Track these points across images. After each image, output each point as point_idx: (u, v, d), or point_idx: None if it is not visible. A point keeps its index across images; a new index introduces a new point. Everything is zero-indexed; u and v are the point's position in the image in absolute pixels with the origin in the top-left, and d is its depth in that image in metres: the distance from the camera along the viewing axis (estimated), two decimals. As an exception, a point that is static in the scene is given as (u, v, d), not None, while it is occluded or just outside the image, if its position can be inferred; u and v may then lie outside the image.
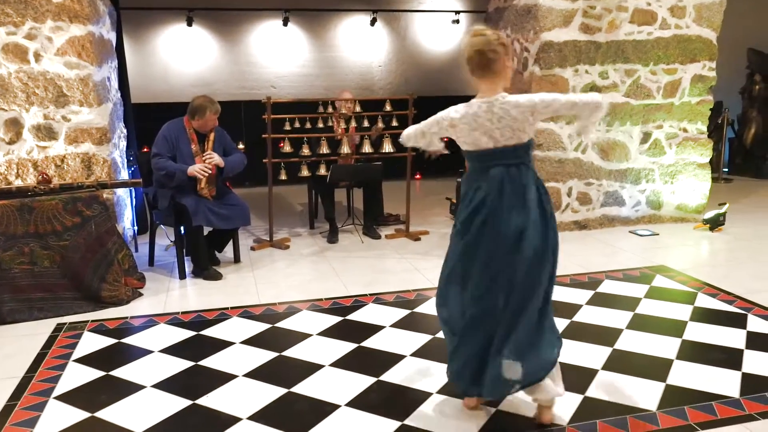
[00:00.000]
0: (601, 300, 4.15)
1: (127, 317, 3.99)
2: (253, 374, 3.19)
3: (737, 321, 3.78)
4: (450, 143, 2.79)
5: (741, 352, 3.37)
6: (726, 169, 8.77)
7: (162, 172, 4.59)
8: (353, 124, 5.69)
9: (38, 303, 4.02)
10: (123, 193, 5.26)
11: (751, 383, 3.03)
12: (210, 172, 4.61)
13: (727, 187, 7.96)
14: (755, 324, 3.73)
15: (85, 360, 3.39)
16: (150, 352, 3.48)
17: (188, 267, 4.78)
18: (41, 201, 4.04)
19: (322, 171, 5.40)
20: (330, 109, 5.54)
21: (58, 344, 3.59)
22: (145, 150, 5.89)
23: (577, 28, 5.58)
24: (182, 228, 4.70)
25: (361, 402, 2.91)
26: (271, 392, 3.01)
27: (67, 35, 4.60)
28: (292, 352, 3.44)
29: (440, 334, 3.63)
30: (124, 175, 5.33)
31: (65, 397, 2.99)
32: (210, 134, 4.76)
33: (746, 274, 4.64)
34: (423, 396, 2.96)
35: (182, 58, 8.29)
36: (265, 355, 3.41)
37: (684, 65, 5.90)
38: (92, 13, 4.67)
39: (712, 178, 6.28)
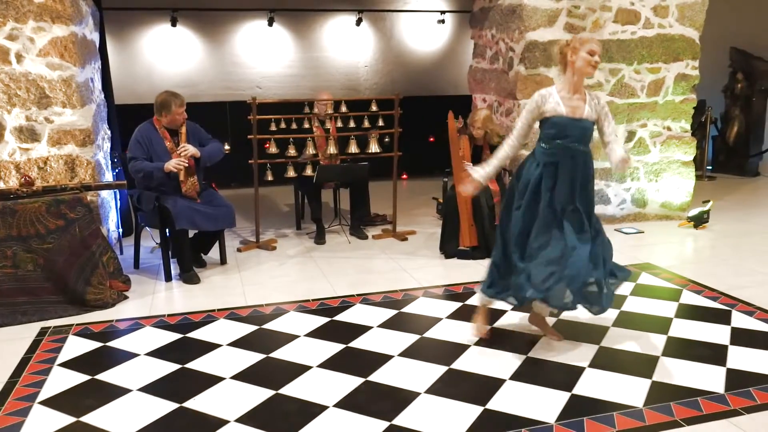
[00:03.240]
0: (587, 298, 4.16)
1: (112, 320, 3.96)
2: (241, 376, 3.18)
3: (722, 317, 3.82)
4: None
5: (725, 348, 3.41)
6: (710, 167, 8.85)
7: (140, 174, 4.55)
8: (329, 126, 5.66)
9: (22, 307, 3.98)
10: (107, 195, 5.22)
11: (736, 379, 3.06)
12: (186, 164, 4.58)
13: (711, 185, 8.04)
14: (739, 320, 3.77)
15: (70, 364, 3.35)
16: (136, 355, 3.45)
17: (174, 269, 4.75)
18: (24, 203, 3.99)
19: (309, 172, 5.38)
20: (316, 110, 5.53)
21: (42, 348, 3.56)
22: (130, 151, 5.83)
23: (561, 27, 5.61)
24: (167, 230, 4.67)
25: (349, 403, 2.90)
26: (259, 394, 3.00)
27: (50, 36, 4.56)
28: (280, 354, 3.43)
29: (427, 334, 3.64)
30: (109, 176, 5.29)
31: (50, 402, 2.96)
32: (182, 129, 4.72)
33: (730, 270, 4.69)
34: (411, 396, 2.96)
35: (166, 58, 8.24)
36: (252, 357, 3.39)
37: (667, 64, 5.95)
38: (75, 13, 4.62)
39: (696, 175, 6.34)
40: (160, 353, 3.46)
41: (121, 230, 5.54)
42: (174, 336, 3.69)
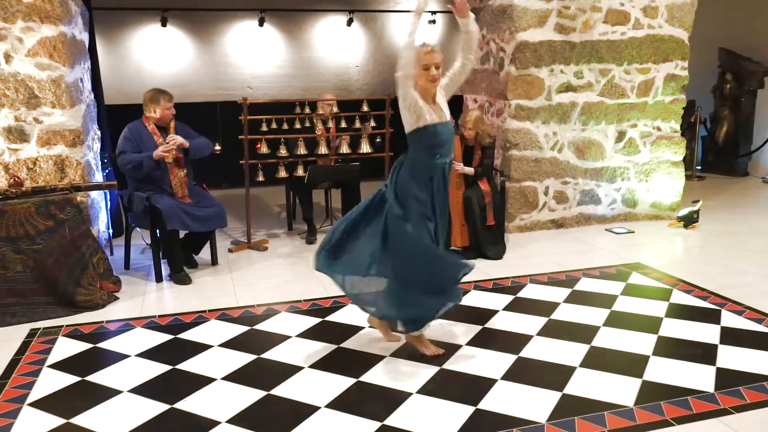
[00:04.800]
0: (578, 298, 4.19)
1: (102, 321, 3.93)
2: (232, 377, 3.17)
3: (711, 317, 3.84)
4: None
5: (715, 347, 3.43)
6: (699, 167, 8.89)
7: (129, 166, 4.55)
8: (330, 125, 5.66)
9: (11, 308, 3.95)
10: (97, 196, 5.19)
11: (726, 378, 3.08)
12: (173, 148, 4.57)
13: (701, 185, 8.08)
14: (729, 319, 3.79)
15: (59, 365, 3.33)
16: (126, 356, 3.43)
17: (165, 270, 4.72)
18: (13, 204, 3.96)
19: (300, 172, 5.37)
20: (308, 110, 5.52)
21: (32, 350, 3.53)
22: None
23: (552, 28, 5.62)
24: (158, 231, 4.65)
25: (340, 403, 2.90)
26: (250, 395, 2.99)
27: (39, 36, 4.52)
28: (271, 355, 3.42)
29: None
30: (99, 177, 5.25)
31: (40, 404, 2.94)
32: (170, 125, 4.75)
33: (720, 270, 4.71)
34: (403, 396, 2.96)
35: (157, 59, 8.20)
36: (243, 358, 3.38)
37: (657, 65, 5.98)
38: (64, 13, 4.59)
39: (685, 175, 6.37)
40: (150, 354, 3.45)
41: (111, 231, 5.51)
42: (165, 337, 3.68)
